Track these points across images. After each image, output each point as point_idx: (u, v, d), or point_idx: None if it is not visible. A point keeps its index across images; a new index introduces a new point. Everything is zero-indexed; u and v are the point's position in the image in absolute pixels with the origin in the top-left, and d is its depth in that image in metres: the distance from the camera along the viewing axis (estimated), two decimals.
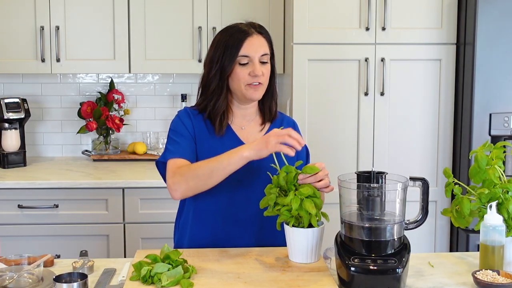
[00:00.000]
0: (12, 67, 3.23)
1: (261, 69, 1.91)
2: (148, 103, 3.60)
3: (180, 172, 1.83)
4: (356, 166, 3.05)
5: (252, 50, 1.91)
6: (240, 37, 1.91)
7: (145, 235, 2.99)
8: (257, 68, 1.90)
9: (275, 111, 2.06)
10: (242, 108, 2.01)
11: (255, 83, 1.92)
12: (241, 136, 2.00)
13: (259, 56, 1.92)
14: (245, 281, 1.62)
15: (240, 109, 2.01)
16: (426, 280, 1.69)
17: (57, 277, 1.54)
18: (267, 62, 1.95)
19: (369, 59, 2.99)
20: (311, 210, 1.68)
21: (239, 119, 2.02)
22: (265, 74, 1.93)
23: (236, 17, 3.20)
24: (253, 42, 1.92)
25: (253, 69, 1.90)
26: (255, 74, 1.90)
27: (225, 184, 1.85)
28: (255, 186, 1.91)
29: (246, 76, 1.91)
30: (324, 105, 3.02)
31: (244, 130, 2.01)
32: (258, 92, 1.94)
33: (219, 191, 1.90)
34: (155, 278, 1.59)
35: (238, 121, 2.02)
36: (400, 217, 1.65)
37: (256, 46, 1.92)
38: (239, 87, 1.93)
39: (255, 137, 2.00)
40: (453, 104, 3.05)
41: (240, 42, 1.91)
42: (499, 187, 1.70)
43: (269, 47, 1.97)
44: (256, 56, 1.91)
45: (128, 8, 3.22)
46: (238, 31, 1.93)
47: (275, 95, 2.04)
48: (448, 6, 3.00)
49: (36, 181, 2.95)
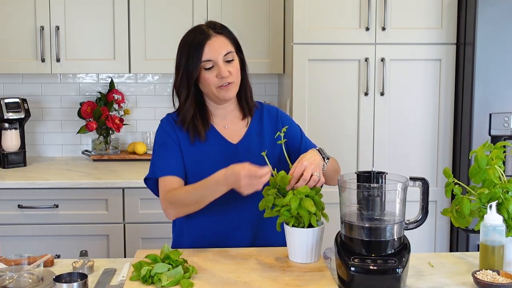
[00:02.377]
0: (12, 67, 3.23)
1: (227, 70, 1.91)
2: (148, 103, 3.60)
3: (169, 199, 1.90)
4: (356, 166, 3.05)
5: (214, 53, 1.90)
6: (200, 42, 1.91)
7: (145, 235, 2.99)
8: (222, 69, 1.90)
9: (253, 103, 2.05)
10: (220, 107, 2.01)
11: (225, 84, 1.92)
12: (226, 135, 2.00)
13: (222, 56, 1.91)
14: (245, 281, 1.62)
15: (218, 109, 2.01)
16: (426, 280, 1.69)
17: (57, 277, 1.54)
18: (233, 60, 1.94)
19: (369, 59, 2.99)
20: (310, 208, 1.68)
21: (220, 118, 2.02)
22: (233, 72, 1.92)
23: (236, 17, 3.24)
24: (213, 44, 1.91)
25: (219, 71, 1.90)
26: (222, 76, 1.90)
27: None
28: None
29: (214, 79, 1.91)
30: (324, 105, 3.02)
31: (228, 129, 2.01)
32: (231, 91, 1.94)
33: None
34: (155, 278, 1.59)
35: (220, 121, 2.02)
36: (400, 217, 1.65)
37: (216, 48, 1.91)
38: (210, 90, 1.93)
39: (240, 134, 2.00)
40: (453, 104, 3.06)
41: (201, 46, 1.90)
42: (499, 187, 1.70)
43: (232, 43, 1.96)
44: (219, 58, 1.90)
45: (128, 8, 3.22)
46: (198, 35, 1.93)
47: (249, 88, 2.03)
48: (448, 6, 3.00)
49: (36, 181, 2.95)
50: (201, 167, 1.94)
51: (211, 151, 1.96)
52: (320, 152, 1.85)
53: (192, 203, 1.86)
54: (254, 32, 3.26)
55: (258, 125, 2.02)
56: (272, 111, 2.08)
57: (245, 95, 2.02)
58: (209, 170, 1.85)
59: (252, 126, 2.02)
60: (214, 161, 1.93)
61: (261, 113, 2.05)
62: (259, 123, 2.03)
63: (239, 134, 2.00)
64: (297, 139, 2.04)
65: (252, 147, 1.98)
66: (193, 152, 1.96)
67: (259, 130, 2.01)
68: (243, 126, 2.03)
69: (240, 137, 2.00)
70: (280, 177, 1.74)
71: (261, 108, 2.07)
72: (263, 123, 2.03)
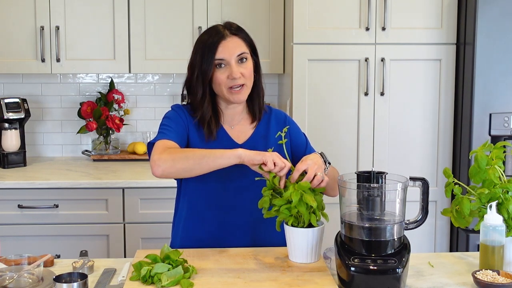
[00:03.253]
0: (12, 67, 3.23)
1: (238, 71, 1.91)
2: (148, 103, 3.60)
3: (169, 151, 1.80)
4: (356, 166, 3.05)
5: (227, 53, 1.90)
6: (215, 41, 1.91)
7: (145, 235, 2.99)
8: (234, 70, 1.90)
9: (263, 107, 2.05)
10: (229, 108, 2.01)
11: (237, 87, 1.91)
12: (232, 135, 2.00)
13: (235, 57, 1.91)
14: (245, 281, 1.62)
15: (228, 109, 2.01)
16: (426, 280, 1.69)
17: (57, 277, 1.54)
18: (246, 61, 1.94)
19: (369, 59, 2.99)
20: (311, 203, 1.67)
21: (228, 118, 2.02)
22: (245, 74, 1.92)
23: (236, 17, 3.22)
24: (227, 45, 1.91)
25: (230, 72, 1.90)
26: (233, 77, 1.90)
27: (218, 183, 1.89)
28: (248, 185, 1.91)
29: (225, 80, 1.91)
30: (324, 105, 3.02)
31: (234, 129, 2.02)
32: (242, 95, 1.94)
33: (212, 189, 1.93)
34: (155, 278, 1.59)
35: (228, 121, 2.02)
36: (400, 217, 1.65)
37: (230, 48, 1.91)
38: (221, 91, 1.93)
39: (246, 135, 2.01)
40: (453, 104, 3.06)
41: (215, 46, 1.90)
42: (499, 187, 1.70)
43: (247, 45, 1.96)
44: (232, 58, 1.91)
45: (128, 8, 3.22)
46: (213, 34, 1.93)
47: (262, 92, 2.03)
48: (448, 6, 3.00)
49: (36, 181, 2.95)
50: None
51: (211, 145, 1.96)
52: (322, 156, 1.86)
53: (197, 157, 1.77)
54: (254, 32, 3.20)
55: (264, 128, 2.02)
56: (280, 116, 2.09)
57: (257, 98, 2.01)
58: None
59: (259, 128, 2.03)
60: None
61: (269, 117, 2.06)
62: (266, 126, 2.03)
63: (245, 135, 2.01)
64: (302, 146, 2.04)
65: (256, 148, 1.98)
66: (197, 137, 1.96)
67: (265, 133, 2.02)
68: (250, 128, 2.03)
69: (246, 138, 2.01)
70: (272, 177, 1.74)
71: (269, 112, 2.08)
72: (270, 126, 2.03)
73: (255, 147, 1.96)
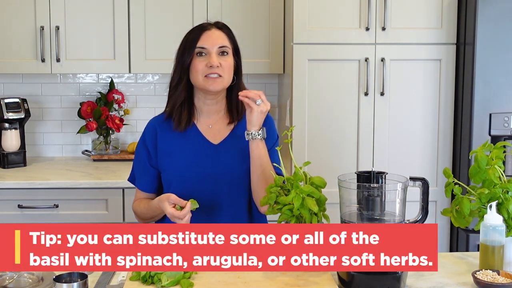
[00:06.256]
0: (12, 67, 3.23)
1: (218, 60, 1.94)
2: (148, 103, 3.60)
3: (134, 209, 2.14)
4: (356, 166, 3.05)
5: (209, 42, 1.95)
6: (198, 32, 1.97)
7: None
8: (213, 58, 1.93)
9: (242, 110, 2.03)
10: (207, 104, 2.02)
11: (213, 75, 1.94)
12: (208, 135, 2.02)
13: (216, 48, 1.95)
14: (245, 281, 1.62)
15: (205, 105, 2.02)
16: (426, 280, 1.69)
17: (57, 277, 1.54)
18: (227, 55, 1.97)
19: (369, 59, 2.99)
20: (313, 207, 1.67)
21: (205, 117, 2.04)
22: (223, 66, 1.95)
23: (236, 17, 3.24)
24: (210, 34, 1.97)
25: (209, 60, 1.93)
26: (211, 64, 1.92)
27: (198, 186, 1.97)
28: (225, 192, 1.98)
29: (203, 67, 1.94)
30: (324, 105, 3.02)
31: (211, 129, 2.03)
32: (218, 84, 1.95)
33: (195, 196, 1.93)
34: (155, 278, 1.59)
35: (204, 120, 2.04)
36: (400, 217, 1.65)
37: (213, 38, 1.96)
38: (197, 79, 1.96)
39: (222, 135, 2.02)
40: (453, 104, 3.05)
41: (197, 35, 1.96)
42: (499, 187, 1.70)
43: (230, 42, 2.00)
44: (213, 48, 1.95)
45: (128, 8, 3.22)
46: (198, 27, 2.00)
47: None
48: (448, 6, 3.00)
49: (36, 181, 2.95)
50: (174, 159, 1.99)
51: (185, 146, 1.99)
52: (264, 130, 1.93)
53: (147, 218, 2.09)
54: (254, 32, 3.26)
55: (243, 128, 1.99)
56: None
57: (237, 100, 1.99)
58: (184, 166, 1.96)
59: (237, 128, 2.03)
60: (190, 159, 1.98)
61: None
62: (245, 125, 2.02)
63: (222, 135, 2.03)
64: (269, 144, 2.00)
65: (233, 148, 2.00)
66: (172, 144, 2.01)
67: (243, 132, 1.97)
68: (227, 128, 2.04)
69: (222, 137, 2.02)
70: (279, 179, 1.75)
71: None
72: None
73: (231, 147, 1.98)
